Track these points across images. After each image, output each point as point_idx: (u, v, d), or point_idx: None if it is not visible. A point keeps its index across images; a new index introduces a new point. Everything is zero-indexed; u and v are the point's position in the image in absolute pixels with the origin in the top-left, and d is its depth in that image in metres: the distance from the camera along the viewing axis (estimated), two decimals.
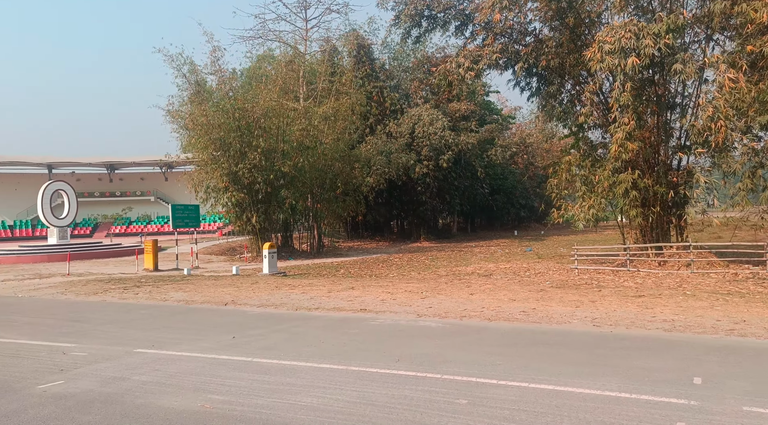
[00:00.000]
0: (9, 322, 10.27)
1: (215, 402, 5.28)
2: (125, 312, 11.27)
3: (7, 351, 7.72)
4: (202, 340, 8.21)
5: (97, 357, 7.22)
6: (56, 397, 5.50)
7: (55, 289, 15.55)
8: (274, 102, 24.60)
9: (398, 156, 31.93)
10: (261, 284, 15.27)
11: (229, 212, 26.24)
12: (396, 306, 11.14)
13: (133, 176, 67.70)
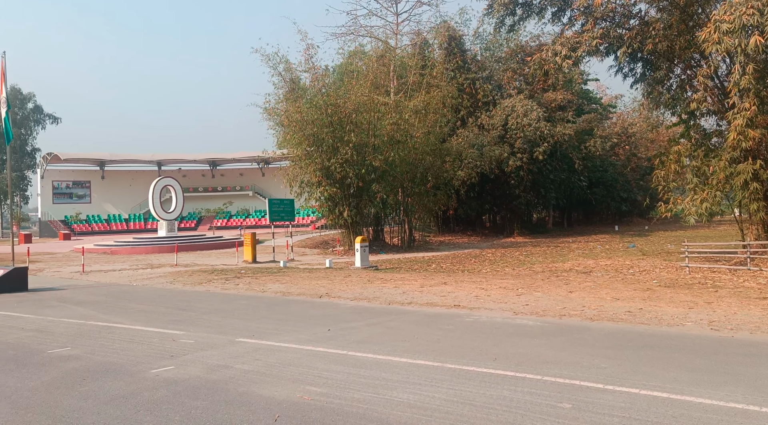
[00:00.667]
0: (125, 309, 11.06)
1: (313, 394, 5.33)
2: (227, 302, 11.79)
3: (124, 336, 8.29)
4: (298, 332, 8.39)
5: (202, 344, 7.57)
6: (167, 382, 5.80)
7: (164, 279, 16.61)
8: (365, 97, 24.85)
9: (491, 149, 31.25)
10: (354, 278, 15.47)
11: (321, 206, 26.89)
12: (491, 303, 10.86)
13: (233, 172, 71.20)
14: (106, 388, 5.61)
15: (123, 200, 65.29)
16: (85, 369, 6.36)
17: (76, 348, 7.54)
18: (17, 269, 14.51)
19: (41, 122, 75.96)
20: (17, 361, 6.87)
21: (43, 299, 12.66)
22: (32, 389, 5.65)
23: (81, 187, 65.71)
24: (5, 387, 5.73)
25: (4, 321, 9.85)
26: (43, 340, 8.10)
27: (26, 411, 4.98)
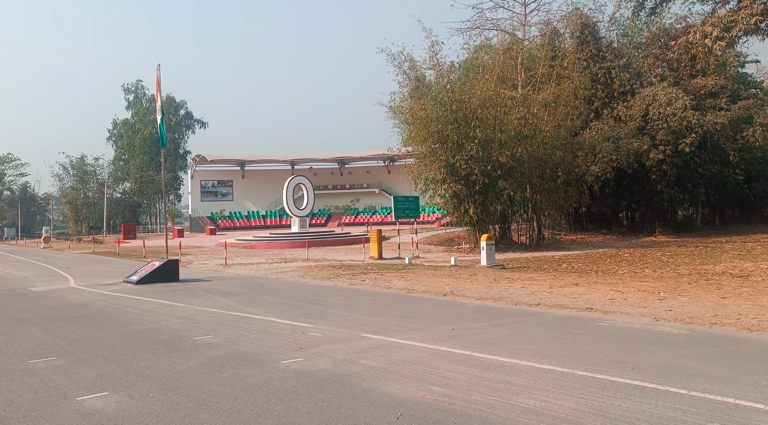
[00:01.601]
0: (262, 301, 11.77)
1: (436, 394, 5.26)
2: (354, 297, 12.11)
3: (260, 327, 8.81)
4: (422, 330, 8.37)
5: (330, 338, 7.81)
6: (296, 373, 6.04)
7: (296, 273, 17.48)
8: (491, 92, 24.32)
9: (628, 142, 29.15)
10: (479, 276, 15.19)
11: (446, 204, 26.76)
12: (627, 307, 10.08)
13: (359, 170, 73.35)
14: (242, 376, 5.97)
15: (261, 198, 70.03)
16: (224, 357, 6.83)
17: (218, 336, 8.13)
18: (171, 262, 16.05)
19: (191, 127, 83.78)
20: (168, 345, 7.55)
21: (191, 290, 13.88)
22: (180, 372, 6.17)
23: (225, 186, 71.49)
24: (158, 369, 6.31)
25: (160, 309, 10.92)
26: (190, 327, 8.85)
27: (174, 393, 5.43)
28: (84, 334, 8.48)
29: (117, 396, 5.37)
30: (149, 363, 6.62)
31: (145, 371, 6.24)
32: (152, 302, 11.85)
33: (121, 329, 8.83)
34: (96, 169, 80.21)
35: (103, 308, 11.11)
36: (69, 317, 10.10)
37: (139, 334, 8.39)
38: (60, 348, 7.57)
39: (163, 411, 4.90)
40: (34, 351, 7.43)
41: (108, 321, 9.59)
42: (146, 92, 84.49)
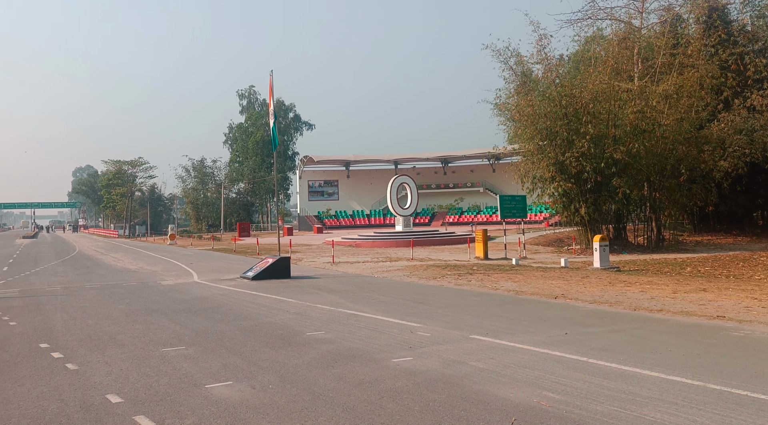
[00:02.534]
0: (369, 299, 11.98)
1: (551, 401, 5.05)
2: (460, 298, 11.99)
3: (368, 324, 8.96)
4: (533, 333, 8.10)
5: (438, 338, 7.77)
6: (407, 372, 6.06)
7: (401, 272, 17.62)
8: (604, 85, 23.08)
9: (765, 134, 26.43)
10: (592, 279, 14.47)
11: (555, 203, 25.77)
12: (767, 316, 9.13)
13: (463, 169, 72.66)
14: (354, 372, 6.09)
15: (365, 197, 71.51)
16: (336, 353, 7.01)
17: (329, 332, 8.37)
18: (283, 259, 16.80)
19: (299, 129, 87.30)
20: (284, 340, 7.88)
21: (302, 286, 14.43)
22: (296, 366, 6.41)
23: (330, 185, 73.80)
24: (275, 362, 6.60)
25: (274, 304, 11.46)
26: (303, 323, 9.19)
27: (291, 386, 5.65)
28: (208, 326, 9.07)
29: (240, 385, 5.68)
30: (267, 355, 6.94)
31: (264, 363, 6.56)
32: (267, 297, 12.46)
33: (241, 322, 9.35)
34: (214, 170, 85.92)
35: (224, 302, 11.85)
36: (194, 310, 10.86)
37: (256, 328, 8.84)
38: (188, 338, 8.16)
39: (283, 403, 5.11)
40: (166, 340, 8.07)
41: (228, 315, 10.20)
42: (258, 97, 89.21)
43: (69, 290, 14.72)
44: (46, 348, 7.70)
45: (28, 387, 5.82)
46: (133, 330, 8.92)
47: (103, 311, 10.94)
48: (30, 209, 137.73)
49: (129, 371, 6.33)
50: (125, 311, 10.86)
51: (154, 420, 4.74)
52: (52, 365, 6.72)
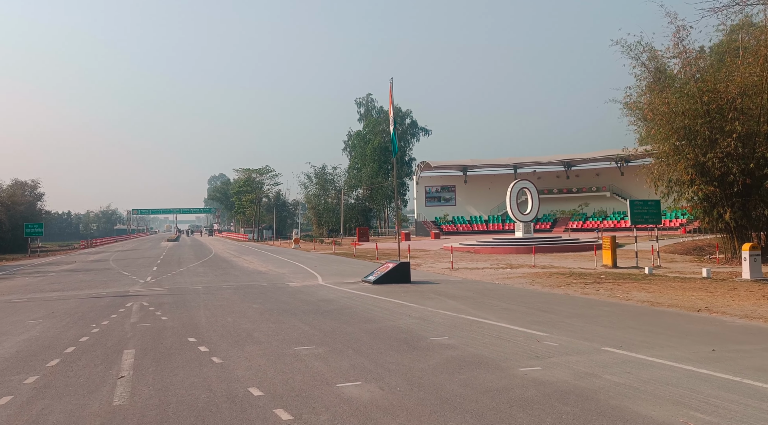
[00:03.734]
0: (491, 306, 11.79)
1: (699, 421, 4.66)
2: (588, 307, 11.41)
3: (492, 332, 8.81)
4: (673, 347, 7.50)
5: (567, 349, 7.46)
6: (535, 382, 5.88)
7: (523, 279, 17.14)
8: (755, 77, 20.86)
9: None
10: (741, 291, 13.12)
11: (695, 208, 23.71)
12: None
13: (588, 172, 69.29)
14: (481, 379, 6.01)
15: (483, 202, 70.52)
16: (461, 359, 6.97)
17: (452, 338, 8.34)
18: (403, 264, 17.03)
19: (416, 135, 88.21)
20: (408, 343, 7.98)
21: (422, 291, 14.52)
22: (421, 370, 6.46)
23: (447, 191, 73.63)
24: (401, 365, 6.70)
25: (396, 308, 11.64)
26: (425, 328, 9.25)
27: (419, 389, 5.70)
28: (335, 327, 9.43)
29: (369, 386, 5.83)
30: (393, 358, 7.07)
31: (391, 366, 6.68)
32: (389, 301, 12.69)
33: (365, 325, 9.61)
34: (334, 177, 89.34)
35: (348, 305, 12.24)
36: (321, 311, 11.34)
37: (381, 331, 9.03)
38: (317, 338, 8.53)
39: (411, 406, 5.17)
40: (297, 339, 8.50)
41: (353, 317, 10.53)
42: (375, 105, 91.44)
43: (209, 290, 16.00)
44: (194, 342, 8.43)
45: (182, 376, 6.40)
46: (267, 328, 9.49)
47: (240, 310, 11.76)
48: (172, 214, 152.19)
49: (266, 367, 6.74)
50: (259, 311, 11.60)
51: (292, 414, 5.00)
52: (200, 358, 7.34)
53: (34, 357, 7.61)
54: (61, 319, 11.09)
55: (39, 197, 75.39)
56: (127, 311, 11.99)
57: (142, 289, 16.67)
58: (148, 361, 7.20)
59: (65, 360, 7.36)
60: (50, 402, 5.51)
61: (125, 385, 6.07)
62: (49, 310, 12.50)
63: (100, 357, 7.50)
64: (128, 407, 5.32)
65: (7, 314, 12.18)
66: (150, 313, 11.56)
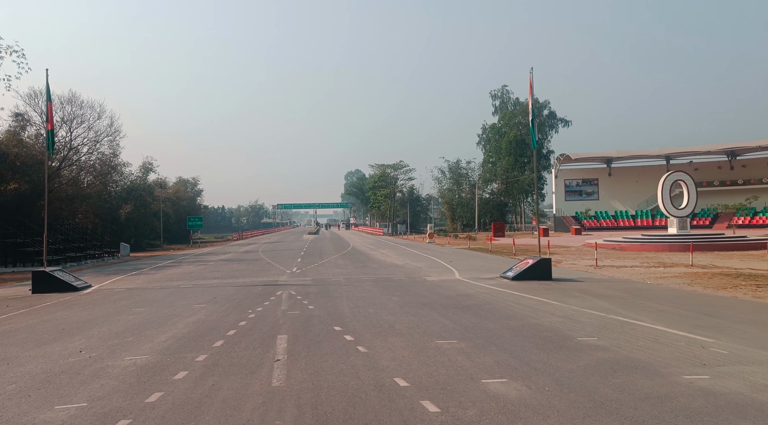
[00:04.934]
0: (644, 307, 10.94)
1: None
2: (764, 313, 10.16)
3: (647, 335, 8.16)
4: None
5: (739, 357, 6.69)
6: (703, 392, 5.34)
7: (680, 279, 15.71)
8: None
9: None
10: None
11: None
12: None
13: (757, 162, 61.89)
14: (638, 385, 5.58)
15: (629, 196, 65.80)
16: (613, 361, 6.54)
17: (602, 339, 7.86)
18: (543, 260, 16.41)
19: (554, 126, 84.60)
20: (553, 342, 7.66)
21: (565, 289, 13.88)
22: (570, 371, 6.16)
23: (589, 184, 69.74)
24: (548, 364, 6.45)
25: (537, 305, 11.24)
26: (571, 327, 8.81)
27: (569, 390, 5.44)
28: (475, 322, 9.32)
29: (515, 384, 5.68)
30: (538, 357, 6.82)
31: (537, 364, 6.45)
32: (529, 298, 12.29)
33: (506, 321, 9.39)
34: (468, 171, 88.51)
35: (487, 301, 12.05)
36: (460, 306, 11.28)
37: (523, 328, 8.77)
38: (458, 332, 8.49)
39: (563, 407, 4.94)
40: (438, 332, 8.52)
41: (493, 313, 10.34)
42: (510, 97, 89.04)
43: (349, 281, 16.64)
44: (339, 330, 8.80)
45: (331, 363, 6.70)
46: (408, 320, 9.64)
47: (380, 302, 12.07)
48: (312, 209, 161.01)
49: (410, 359, 6.84)
50: (398, 303, 11.82)
51: (438, 406, 5.01)
52: (346, 346, 7.64)
53: (203, 338, 8.42)
54: (222, 304, 12.17)
55: (198, 193, 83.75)
56: (277, 299, 12.85)
57: (289, 279, 17.78)
58: (299, 347, 7.64)
59: (228, 342, 8.05)
60: (218, 380, 6.05)
61: (281, 368, 6.49)
62: (211, 296, 13.78)
63: (258, 341, 8.10)
64: (285, 388, 5.67)
65: (178, 298, 13.62)
66: (298, 302, 12.28)
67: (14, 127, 36.44)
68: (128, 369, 6.62)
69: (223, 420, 4.77)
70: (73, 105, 40.95)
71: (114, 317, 10.72)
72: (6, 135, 35.16)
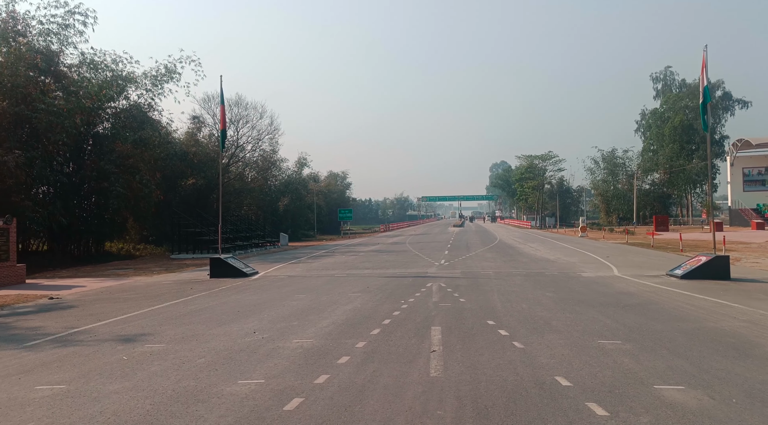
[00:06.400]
0: None
1: None
2: None
3: None
4: None
5: None
6: None
7: None
8: None
9: None
10: None
11: None
12: None
13: None
14: None
15: None
16: None
17: None
18: (719, 258, 14.76)
19: (729, 109, 75.59)
20: (737, 349, 6.86)
21: (747, 291, 12.37)
22: (762, 382, 5.47)
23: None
24: (733, 373, 5.78)
25: (715, 307, 10.14)
26: (759, 333, 7.82)
27: (762, 405, 4.83)
28: (641, 323, 8.65)
29: (695, 392, 5.17)
30: (720, 364, 6.15)
31: (719, 373, 5.82)
32: (703, 299, 11.13)
33: (678, 323, 8.59)
34: (625, 161, 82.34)
35: (652, 300, 11.13)
36: (621, 305, 10.55)
37: (698, 331, 7.97)
38: (622, 333, 7.94)
39: (757, 424, 4.40)
40: (599, 332, 8.05)
41: (661, 313, 9.53)
42: (675, 78, 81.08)
43: (499, 275, 16.35)
44: (493, 325, 8.68)
45: (487, 357, 6.63)
46: (565, 317, 9.23)
47: (533, 297, 11.70)
48: (456, 201, 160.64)
49: (570, 357, 6.54)
50: (553, 299, 11.37)
51: (607, 410, 4.73)
52: (501, 341, 7.51)
53: (360, 325, 8.80)
54: (375, 294, 12.62)
55: (347, 186, 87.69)
56: (428, 291, 13.02)
57: (438, 271, 17.93)
58: (454, 339, 7.67)
59: (384, 331, 8.32)
60: (379, 366, 6.27)
61: (437, 359, 6.55)
62: (364, 285, 14.35)
63: (412, 331, 8.27)
64: (443, 379, 5.72)
65: (334, 286, 14.39)
66: (448, 294, 12.33)
67: (192, 129, 41.10)
68: (296, 351, 7.12)
69: (387, 406, 4.93)
70: (240, 107, 45.18)
71: (279, 302, 11.60)
72: (186, 136, 39.76)
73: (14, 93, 22.64)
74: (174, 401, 5.18)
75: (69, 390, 5.61)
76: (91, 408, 5.02)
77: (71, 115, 24.02)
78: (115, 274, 19.49)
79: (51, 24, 25.56)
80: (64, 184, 25.63)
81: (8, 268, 16.53)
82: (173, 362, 6.65)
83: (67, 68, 26.99)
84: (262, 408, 4.95)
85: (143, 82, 29.18)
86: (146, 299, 12.71)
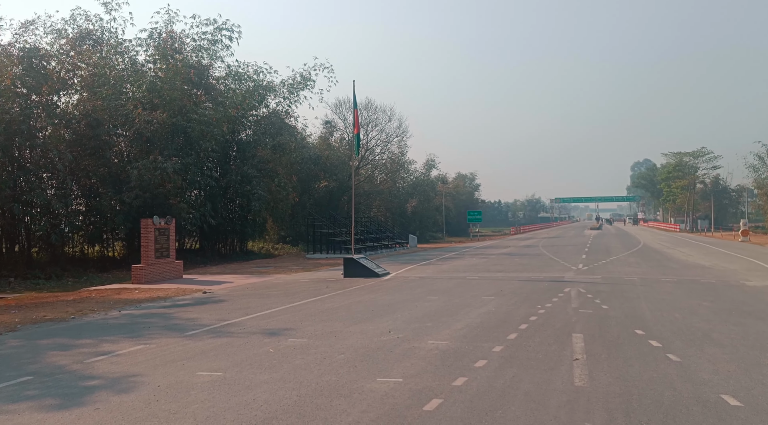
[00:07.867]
0: None
1: None
2: None
3: None
4: None
5: None
6: None
7: None
8: None
9: None
10: None
11: None
12: None
13: None
14: None
15: None
16: None
17: None
18: None
19: None
20: None
21: None
22: None
23: None
24: None
25: None
26: None
27: None
28: None
29: None
30: None
31: None
32: None
33: None
34: None
35: None
36: None
37: None
38: None
39: None
40: None
41: None
42: None
43: (645, 281, 15.15)
44: (642, 334, 8.02)
45: (638, 369, 6.13)
46: (728, 330, 8.29)
47: (687, 306, 10.68)
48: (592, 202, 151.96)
49: (738, 374, 5.84)
50: (712, 310, 10.29)
51: None
52: (653, 352, 6.91)
53: (496, 329, 8.58)
54: (509, 298, 12.27)
55: (476, 187, 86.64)
56: (566, 296, 12.40)
57: (575, 276, 17.04)
58: (598, 347, 7.20)
59: (521, 336, 8.04)
60: (518, 372, 6.05)
61: (581, 368, 6.18)
62: (497, 288, 14.02)
63: (552, 337, 7.89)
64: (590, 389, 5.37)
65: (466, 289, 14.21)
66: (589, 300, 11.65)
67: (324, 133, 43.17)
68: (432, 351, 7.11)
69: (530, 414, 4.72)
70: (369, 110, 46.56)
71: (412, 303, 11.69)
72: (319, 140, 41.79)
73: (172, 105, 25.15)
74: (318, 394, 5.38)
75: (225, 377, 6.06)
76: (245, 396, 5.38)
77: (219, 124, 26.19)
78: (257, 271, 20.91)
79: (202, 40, 28.20)
80: (213, 188, 28.02)
81: (169, 264, 18.39)
82: (315, 357, 6.94)
83: (215, 80, 29.59)
84: (402, 406, 4.97)
85: (281, 91, 31.15)
86: (287, 295, 13.46)
